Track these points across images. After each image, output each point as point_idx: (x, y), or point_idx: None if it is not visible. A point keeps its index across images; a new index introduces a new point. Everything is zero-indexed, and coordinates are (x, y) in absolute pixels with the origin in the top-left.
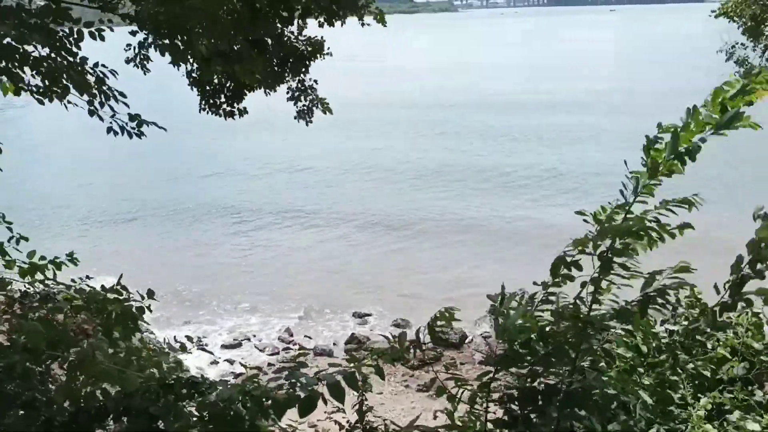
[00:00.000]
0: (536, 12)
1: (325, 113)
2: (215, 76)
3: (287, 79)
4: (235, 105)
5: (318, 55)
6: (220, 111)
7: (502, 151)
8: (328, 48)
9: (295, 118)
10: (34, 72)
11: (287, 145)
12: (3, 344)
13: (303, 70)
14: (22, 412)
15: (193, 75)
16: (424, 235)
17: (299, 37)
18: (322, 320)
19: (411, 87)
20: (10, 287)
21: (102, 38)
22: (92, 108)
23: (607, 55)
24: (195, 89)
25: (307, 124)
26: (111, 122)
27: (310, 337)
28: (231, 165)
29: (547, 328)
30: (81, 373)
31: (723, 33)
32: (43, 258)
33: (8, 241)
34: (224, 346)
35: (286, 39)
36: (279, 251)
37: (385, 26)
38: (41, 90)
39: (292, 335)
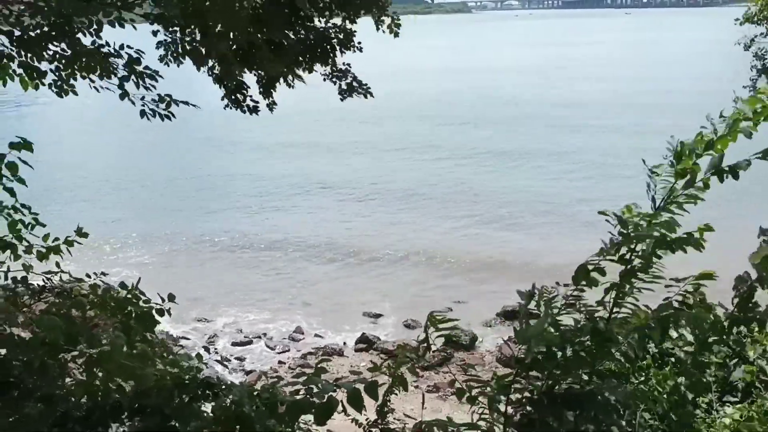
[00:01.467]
0: (551, 14)
1: (366, 97)
2: (237, 73)
3: (315, 68)
4: (266, 99)
5: (347, 47)
6: (244, 107)
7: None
8: (359, 42)
9: (341, 99)
10: (51, 66)
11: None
12: (21, 338)
13: (331, 58)
14: (39, 405)
15: (215, 72)
16: (437, 239)
17: (327, 26)
18: (333, 319)
19: (417, 92)
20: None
21: (122, 25)
22: (123, 91)
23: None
24: (218, 85)
25: (343, 99)
26: (143, 105)
27: (321, 336)
28: (246, 166)
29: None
30: (98, 369)
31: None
32: (57, 239)
33: (26, 227)
34: (235, 344)
35: (312, 29)
36: (291, 250)
37: (396, 36)
38: (59, 84)
39: (302, 334)
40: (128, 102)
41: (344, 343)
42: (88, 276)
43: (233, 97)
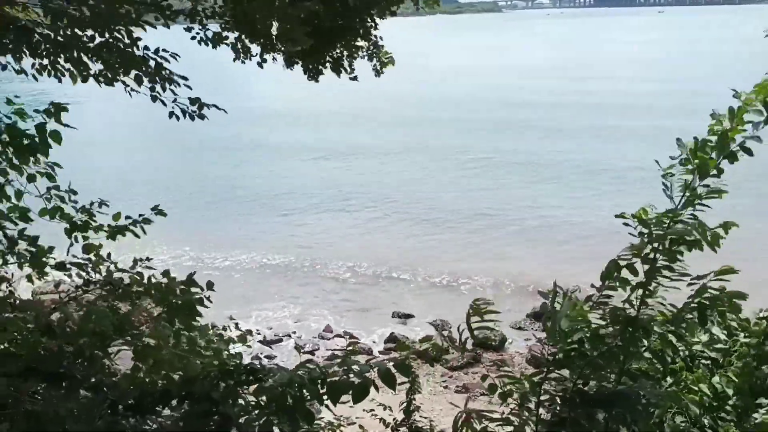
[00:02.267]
0: (583, 13)
1: (385, 66)
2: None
3: (357, 43)
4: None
5: (385, 14)
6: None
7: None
8: (395, 7)
9: (376, 75)
10: (94, 59)
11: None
12: (71, 328)
13: (371, 31)
14: (89, 394)
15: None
16: (469, 238)
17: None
18: (362, 319)
19: (437, 93)
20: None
21: (144, 29)
22: (154, 94)
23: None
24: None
25: (378, 76)
26: (173, 107)
27: (350, 335)
28: (279, 168)
29: (600, 331)
30: (145, 360)
31: None
32: (128, 217)
33: (90, 205)
34: (265, 342)
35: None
36: (321, 250)
37: (439, 6)
38: (103, 74)
39: (331, 333)
40: (159, 104)
41: (373, 342)
42: (135, 262)
43: (311, 68)
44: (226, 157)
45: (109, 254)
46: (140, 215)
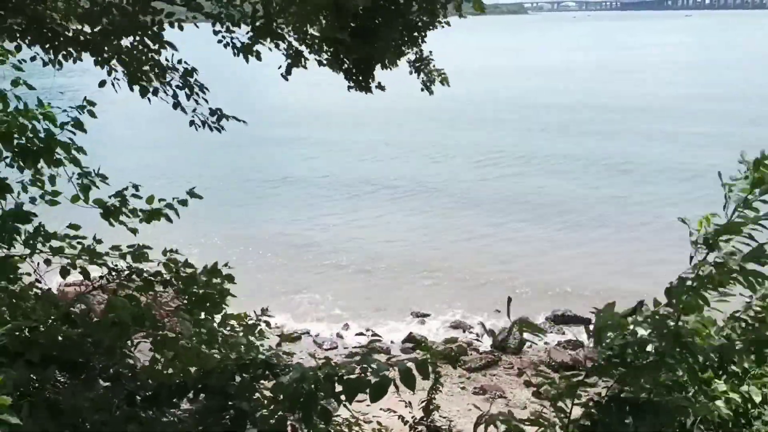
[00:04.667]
0: (609, 16)
1: (443, 84)
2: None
3: (407, 51)
4: (369, 82)
5: (436, 24)
6: (361, 87)
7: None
8: (446, 21)
9: (422, 89)
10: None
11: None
12: (92, 318)
13: (420, 40)
14: (107, 384)
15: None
16: (486, 241)
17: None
18: (380, 318)
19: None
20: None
21: (181, 28)
22: (176, 102)
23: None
24: (336, 72)
25: (430, 93)
26: (193, 116)
27: (368, 334)
28: (304, 165)
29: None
30: (164, 351)
31: None
32: (162, 199)
33: (124, 190)
34: (283, 338)
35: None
36: (339, 248)
37: (483, 11)
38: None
39: (349, 330)
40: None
41: (391, 341)
42: (164, 253)
43: (353, 79)
44: (264, 152)
45: (142, 246)
46: (174, 197)
